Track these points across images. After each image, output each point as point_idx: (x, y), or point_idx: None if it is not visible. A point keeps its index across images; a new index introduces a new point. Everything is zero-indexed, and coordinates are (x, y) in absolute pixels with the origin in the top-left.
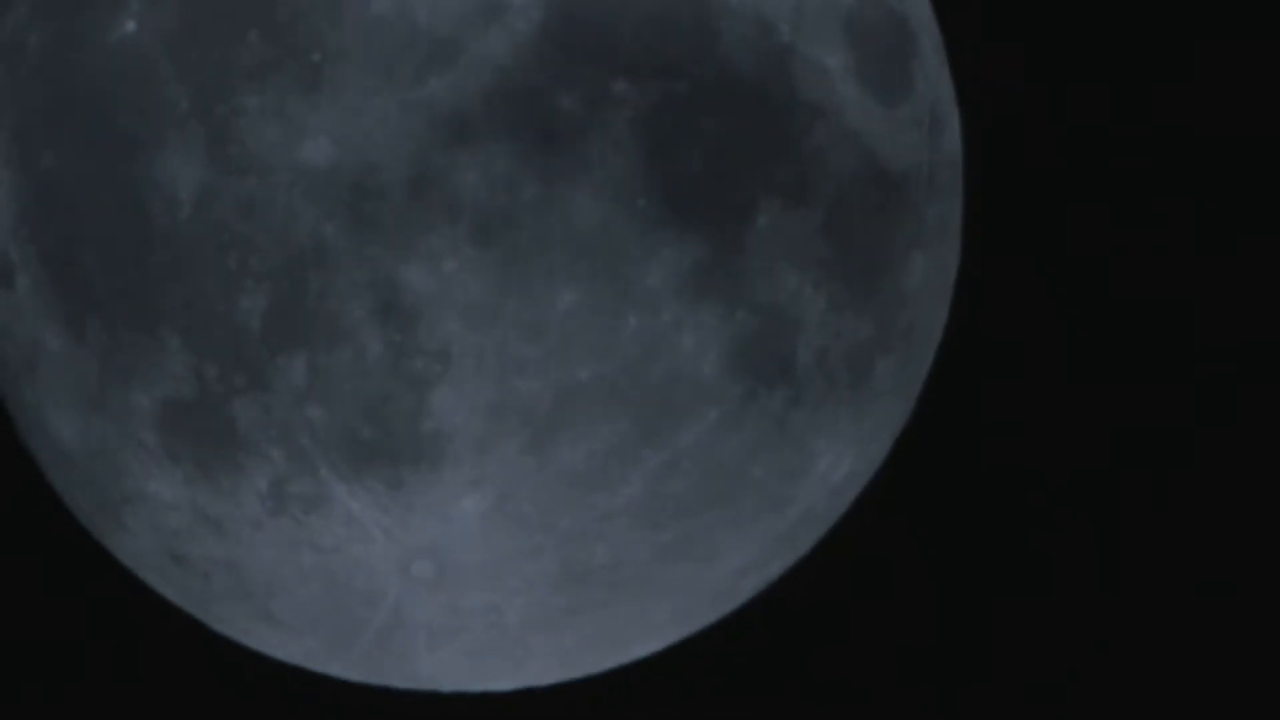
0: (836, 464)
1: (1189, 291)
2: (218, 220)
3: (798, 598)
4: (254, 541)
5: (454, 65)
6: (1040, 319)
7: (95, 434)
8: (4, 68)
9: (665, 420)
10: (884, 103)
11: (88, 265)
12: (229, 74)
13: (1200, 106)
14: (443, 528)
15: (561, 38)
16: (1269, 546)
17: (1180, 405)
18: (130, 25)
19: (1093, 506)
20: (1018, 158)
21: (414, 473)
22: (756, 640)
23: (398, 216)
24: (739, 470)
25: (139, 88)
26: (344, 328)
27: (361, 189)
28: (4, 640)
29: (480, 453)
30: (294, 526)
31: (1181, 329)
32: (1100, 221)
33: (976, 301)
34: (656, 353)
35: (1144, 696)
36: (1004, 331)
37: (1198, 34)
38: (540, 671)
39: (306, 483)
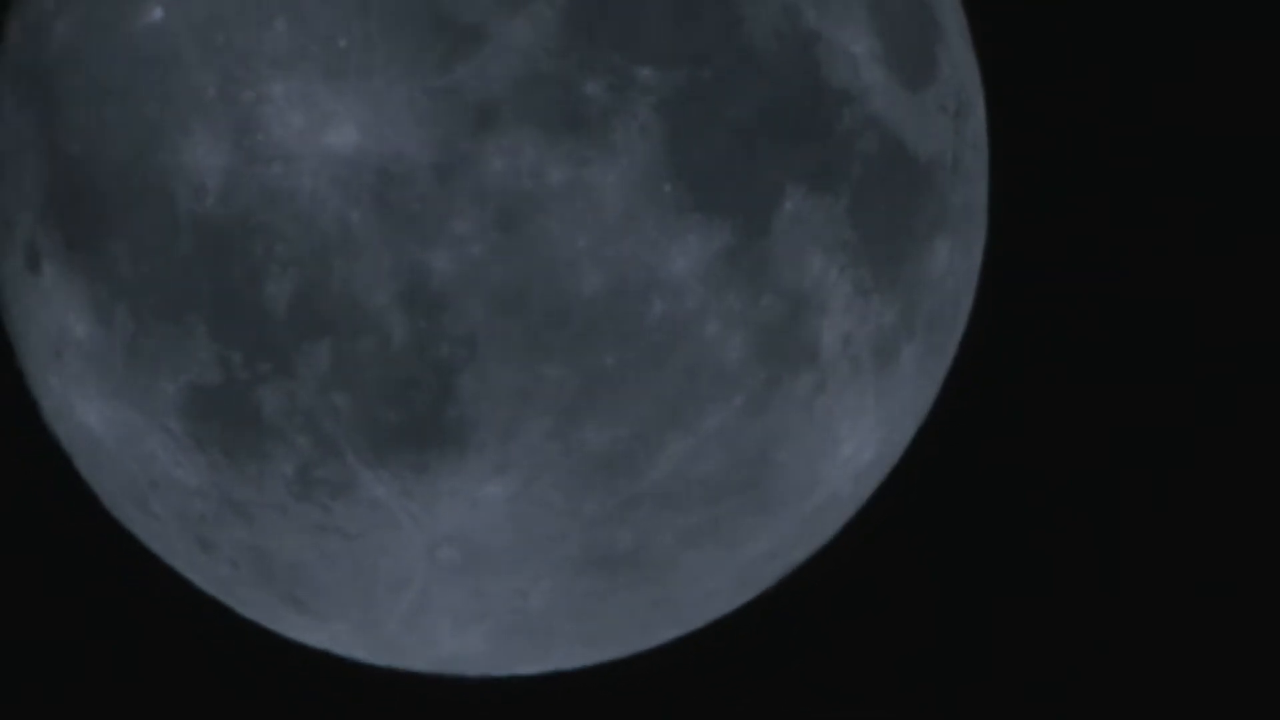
0: (861, 449)
1: (1189, 291)
2: (243, 207)
3: (798, 596)
4: (280, 527)
5: (480, 52)
6: (1040, 319)
7: (121, 420)
8: (31, 54)
9: (690, 405)
10: (909, 88)
11: (114, 252)
12: (255, 61)
13: (1200, 106)
14: (468, 513)
15: (586, 24)
16: (1269, 546)
17: (1180, 405)
18: (157, 12)
19: (1093, 506)
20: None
21: (439, 458)
22: (754, 640)
23: (423, 203)
24: (764, 455)
25: (165, 75)
26: (369, 314)
27: (387, 175)
28: (31, 626)
29: (506, 438)
30: (320, 512)
31: (1181, 329)
32: (1100, 221)
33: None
34: (682, 338)
35: (1144, 696)
36: (1003, 332)
37: (1197, 34)
38: (565, 656)
39: (332, 468)
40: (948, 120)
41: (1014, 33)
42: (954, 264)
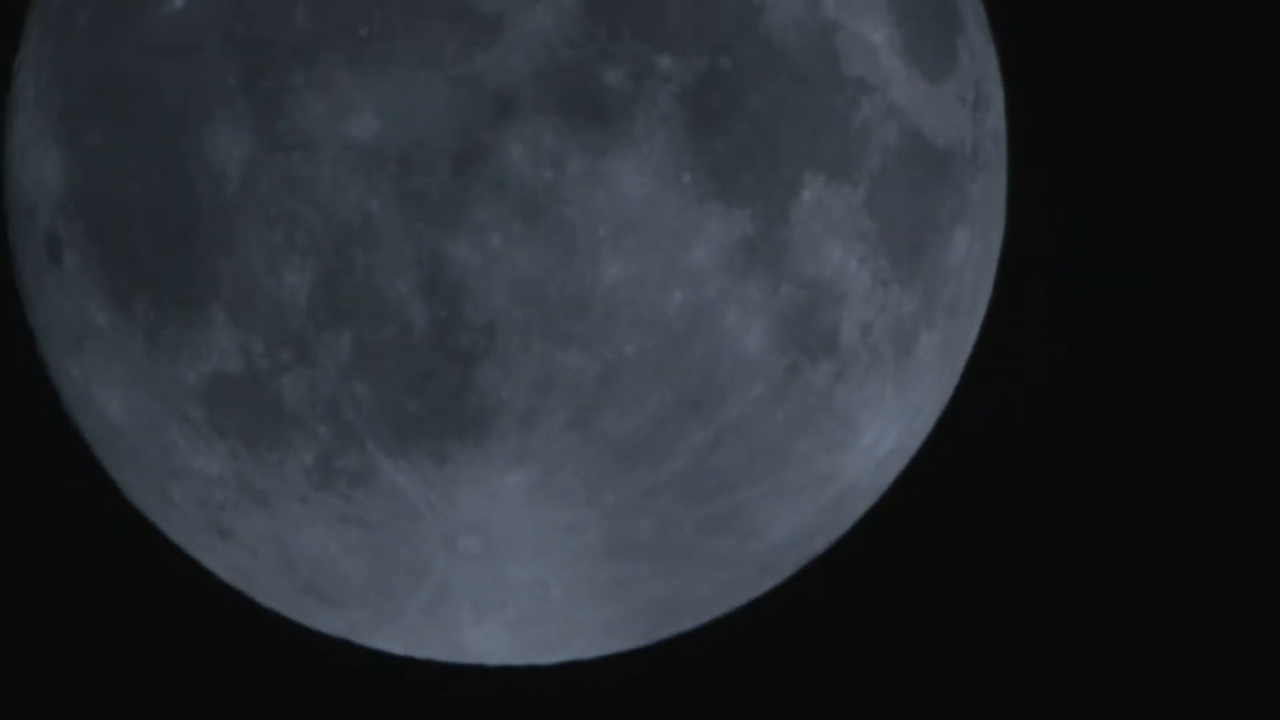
0: (880, 438)
1: (1206, 284)
2: (264, 196)
3: (797, 596)
4: (300, 516)
5: (500, 41)
6: (1060, 308)
7: (142, 409)
8: (53, 44)
9: (710, 395)
10: (929, 78)
11: (135, 241)
12: (276, 50)
13: (1219, 98)
14: (488, 502)
15: (607, 13)
16: (1269, 546)
17: (1180, 405)
18: (178, 1)
19: (1092, 506)
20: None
21: (460, 448)
22: (774, 629)
23: (444, 192)
24: (783, 444)
25: (186, 64)
26: (390, 303)
27: (408, 164)
28: (50, 615)
29: (526, 428)
30: (340, 501)
31: (1181, 329)
32: (1119, 211)
33: None
34: (701, 327)
35: (1144, 696)
36: (1022, 321)
37: (1217, 26)
38: (585, 645)
39: (352, 458)
40: (967, 111)
41: (1033, 23)
42: (973, 254)
